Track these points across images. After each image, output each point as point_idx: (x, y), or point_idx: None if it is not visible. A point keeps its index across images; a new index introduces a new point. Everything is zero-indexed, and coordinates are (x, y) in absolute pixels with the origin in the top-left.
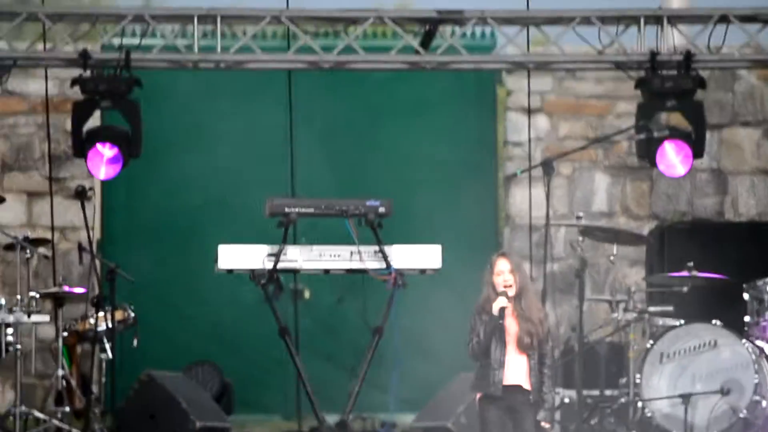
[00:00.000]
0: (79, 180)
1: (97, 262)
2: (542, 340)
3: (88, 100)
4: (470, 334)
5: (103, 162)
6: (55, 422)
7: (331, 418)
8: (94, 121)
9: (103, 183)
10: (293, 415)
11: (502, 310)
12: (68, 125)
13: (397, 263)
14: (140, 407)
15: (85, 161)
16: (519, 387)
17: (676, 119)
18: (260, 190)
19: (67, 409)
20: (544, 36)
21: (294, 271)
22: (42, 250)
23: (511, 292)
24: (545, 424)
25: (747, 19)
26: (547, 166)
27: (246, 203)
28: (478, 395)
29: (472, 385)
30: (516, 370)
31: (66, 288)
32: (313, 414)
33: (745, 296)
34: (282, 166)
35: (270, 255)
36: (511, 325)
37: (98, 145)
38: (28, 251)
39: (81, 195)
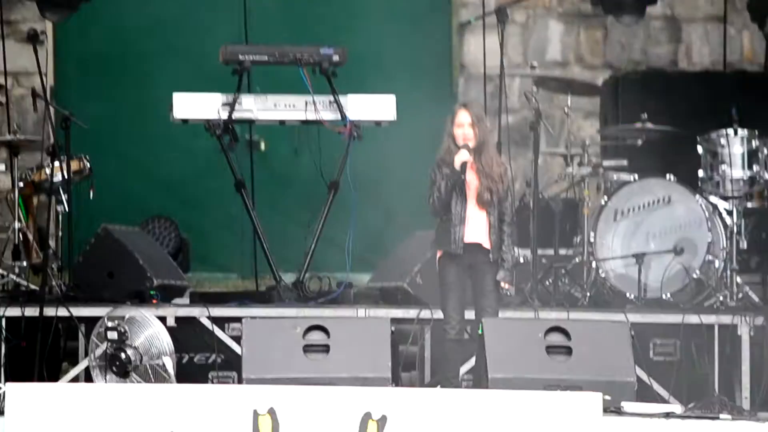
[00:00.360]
0: (30, 23)
1: (52, 109)
2: (502, 196)
3: None
4: (431, 188)
5: None
6: (13, 277)
7: (288, 278)
8: None
9: (55, 28)
10: (250, 273)
11: (464, 164)
12: None
13: (352, 114)
14: (97, 263)
15: (36, 3)
16: (479, 245)
17: None
18: (214, 38)
19: (24, 263)
20: None
21: (249, 122)
22: None
23: (471, 145)
24: (505, 285)
25: None
26: (501, 14)
27: (200, 51)
28: (438, 253)
29: (433, 242)
30: (476, 227)
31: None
32: (270, 273)
33: (699, 149)
34: (235, 16)
35: (225, 104)
36: (472, 180)
37: None
38: None
39: (33, 39)
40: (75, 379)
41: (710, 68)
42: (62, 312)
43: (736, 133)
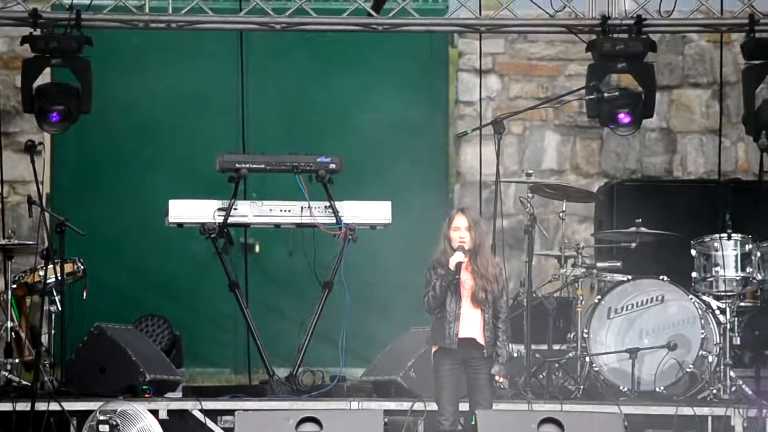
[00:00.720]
0: (28, 135)
1: (47, 215)
2: (497, 295)
3: (39, 58)
4: (425, 287)
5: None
6: (5, 374)
7: (281, 372)
8: (44, 78)
9: (53, 138)
10: (243, 368)
11: (459, 265)
12: (18, 82)
13: (347, 218)
14: (90, 359)
15: (35, 117)
16: (473, 340)
17: (627, 80)
18: (211, 147)
19: (17, 360)
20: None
21: (244, 226)
22: None
23: (467, 247)
24: (500, 378)
25: None
26: (498, 125)
27: (197, 160)
28: (434, 349)
29: (428, 338)
30: (471, 323)
31: (15, 241)
32: (263, 368)
33: (693, 252)
34: (233, 125)
35: (220, 210)
36: (467, 280)
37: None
38: None
39: (30, 149)
40: None
41: (704, 177)
42: (54, 406)
43: (729, 237)
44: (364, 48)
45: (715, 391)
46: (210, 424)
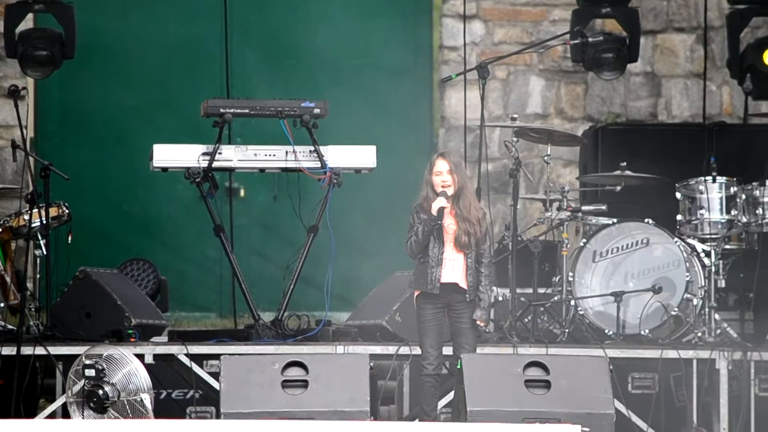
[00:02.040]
0: (12, 80)
1: (31, 159)
2: (480, 239)
3: (21, 3)
4: (409, 232)
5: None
6: None
7: (267, 317)
8: (27, 23)
9: (37, 83)
10: (229, 313)
11: (441, 210)
12: (1, 27)
13: (332, 162)
14: (75, 304)
15: (18, 61)
16: (456, 285)
17: (612, 25)
18: (196, 92)
19: (2, 304)
20: None
21: (229, 170)
22: None
23: (450, 192)
24: (481, 323)
25: None
26: (482, 69)
27: (181, 105)
28: (416, 293)
29: (410, 282)
30: (454, 268)
31: None
32: (249, 312)
33: (678, 195)
34: (217, 70)
35: (205, 154)
36: (450, 224)
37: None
38: None
39: (14, 94)
40: (52, 416)
41: (689, 120)
42: (40, 351)
43: (714, 180)
44: None
45: (700, 334)
46: (196, 368)
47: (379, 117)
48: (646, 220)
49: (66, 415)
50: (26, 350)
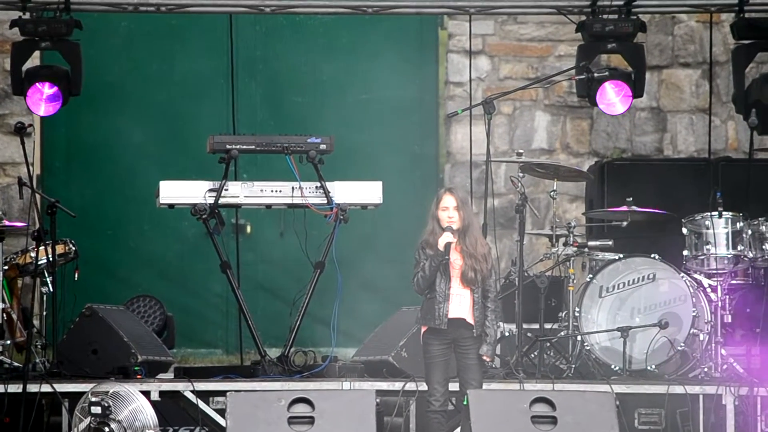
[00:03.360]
0: (18, 117)
1: (38, 196)
2: (486, 275)
3: (28, 41)
4: (415, 268)
5: (42, 99)
6: None
7: (273, 353)
8: (34, 60)
9: (43, 120)
10: (235, 349)
11: (448, 245)
12: (8, 65)
13: (338, 198)
14: (82, 341)
15: (25, 99)
16: (463, 320)
17: (617, 60)
18: (201, 128)
19: (8, 342)
20: None
21: (235, 206)
22: None
23: (455, 227)
24: (487, 358)
25: None
26: (488, 105)
27: (187, 141)
28: (423, 329)
29: (417, 318)
30: (460, 303)
31: (6, 222)
32: (255, 348)
33: (684, 231)
34: (223, 108)
35: (211, 190)
36: (456, 260)
37: (38, 84)
38: None
39: (20, 131)
40: None
41: (695, 155)
42: (46, 388)
43: (720, 215)
44: (354, 30)
45: (706, 370)
46: (202, 405)
47: (385, 153)
48: (652, 256)
49: None
50: (32, 387)
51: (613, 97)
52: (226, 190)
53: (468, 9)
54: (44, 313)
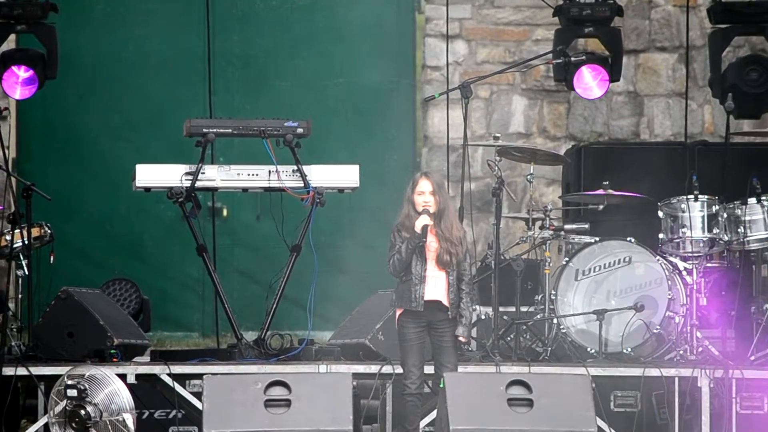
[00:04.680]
0: None
1: (13, 179)
2: (461, 258)
3: (3, 24)
4: (390, 250)
5: (18, 83)
6: None
7: (250, 336)
8: (9, 44)
9: (19, 103)
10: (211, 332)
11: (425, 227)
12: None
13: (315, 182)
14: (57, 324)
15: (0, 82)
16: (438, 303)
17: (594, 44)
18: (178, 112)
19: None
20: None
21: (212, 190)
22: None
23: (431, 211)
24: (463, 339)
25: None
26: (465, 89)
27: (164, 125)
28: (398, 312)
29: (392, 301)
30: (435, 286)
31: None
32: (232, 331)
33: (660, 214)
34: (200, 92)
35: (187, 174)
36: (431, 243)
37: (13, 67)
38: None
39: None
40: None
41: (671, 139)
42: (21, 371)
43: (696, 199)
44: (331, 14)
45: (681, 352)
46: (178, 388)
47: (362, 136)
48: (628, 239)
49: None
50: (8, 371)
51: (590, 81)
52: (203, 173)
53: None
54: (20, 296)
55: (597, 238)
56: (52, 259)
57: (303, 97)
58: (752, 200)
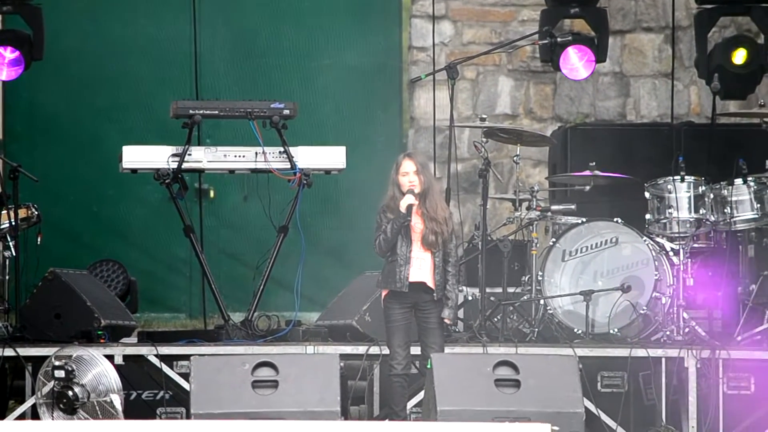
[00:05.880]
0: None
1: (0, 161)
2: (446, 239)
3: None
4: (376, 231)
5: (4, 64)
6: None
7: (237, 317)
8: None
9: (5, 84)
10: (199, 313)
11: (410, 207)
12: None
13: (302, 163)
14: (45, 305)
15: None
16: (423, 284)
17: (580, 25)
18: (164, 93)
19: None
20: None
21: (198, 171)
22: None
23: (416, 191)
24: (448, 321)
25: None
26: (451, 70)
27: (150, 107)
28: (384, 292)
29: (378, 281)
30: (421, 267)
31: None
32: (219, 312)
33: (646, 194)
34: (186, 73)
35: (174, 155)
36: (417, 224)
37: None
38: None
39: None
40: (22, 417)
41: (657, 120)
42: (9, 352)
43: (683, 179)
44: None
45: (668, 333)
46: (166, 369)
47: (349, 118)
48: (615, 220)
49: (35, 416)
50: None
51: (576, 62)
52: (190, 155)
53: None
54: (7, 277)
55: (584, 219)
56: (39, 240)
57: (289, 79)
58: (738, 181)
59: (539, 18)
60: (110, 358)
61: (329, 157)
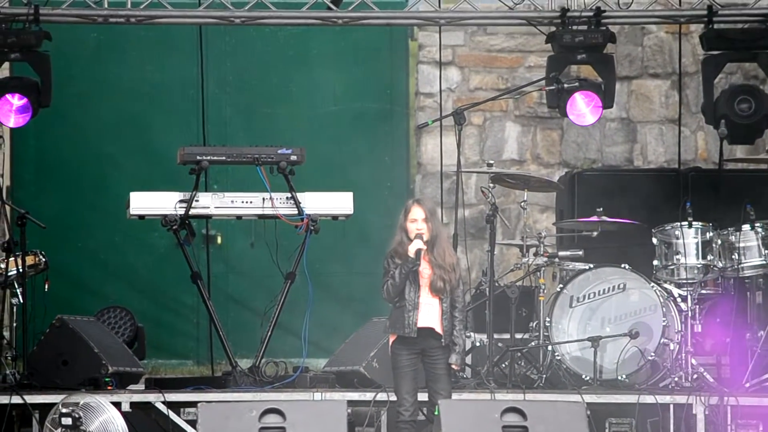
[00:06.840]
0: None
1: (7, 208)
2: (454, 285)
3: None
4: (384, 276)
5: (12, 111)
6: None
7: (244, 364)
8: (3, 72)
9: (13, 131)
10: (206, 360)
11: (419, 251)
12: None
13: (309, 209)
14: (52, 352)
15: None
16: (431, 330)
17: (587, 71)
18: (172, 139)
19: None
20: None
21: (206, 217)
22: None
23: (424, 239)
24: (456, 367)
25: None
26: (458, 116)
27: (158, 153)
28: (392, 338)
29: (386, 327)
30: (429, 312)
31: None
32: (226, 359)
33: (654, 240)
34: (193, 119)
35: (181, 201)
36: (425, 269)
37: (7, 95)
38: None
39: None
40: None
41: (665, 166)
42: (16, 399)
43: (690, 225)
44: (324, 41)
45: (676, 379)
46: (173, 416)
47: (356, 163)
48: (622, 266)
49: None
50: (2, 399)
51: (583, 108)
52: (197, 201)
53: (438, 20)
54: (14, 324)
55: (591, 265)
56: (46, 287)
57: (297, 124)
58: (746, 227)
59: (546, 64)
60: (117, 405)
61: (336, 202)
